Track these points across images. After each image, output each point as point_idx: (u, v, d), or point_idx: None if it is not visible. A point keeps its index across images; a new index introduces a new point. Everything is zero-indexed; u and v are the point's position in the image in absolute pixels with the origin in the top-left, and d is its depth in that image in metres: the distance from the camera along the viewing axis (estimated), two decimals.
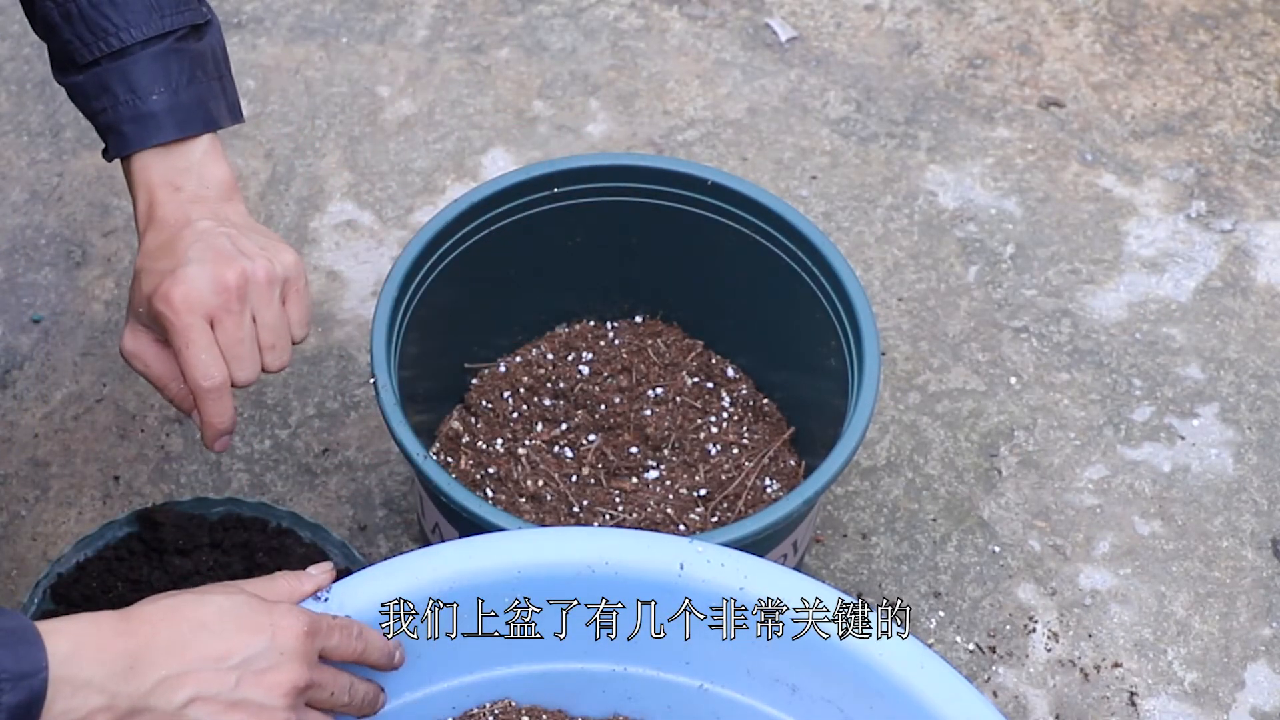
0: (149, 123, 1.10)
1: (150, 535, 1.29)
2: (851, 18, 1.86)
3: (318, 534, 1.31)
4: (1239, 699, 1.36)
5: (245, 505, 1.32)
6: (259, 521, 1.32)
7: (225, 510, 1.32)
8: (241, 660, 0.92)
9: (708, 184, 1.32)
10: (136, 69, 1.10)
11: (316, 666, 0.96)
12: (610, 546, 1.03)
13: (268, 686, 0.93)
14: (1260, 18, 1.87)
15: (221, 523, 1.31)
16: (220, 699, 0.92)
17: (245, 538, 1.31)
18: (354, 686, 1.00)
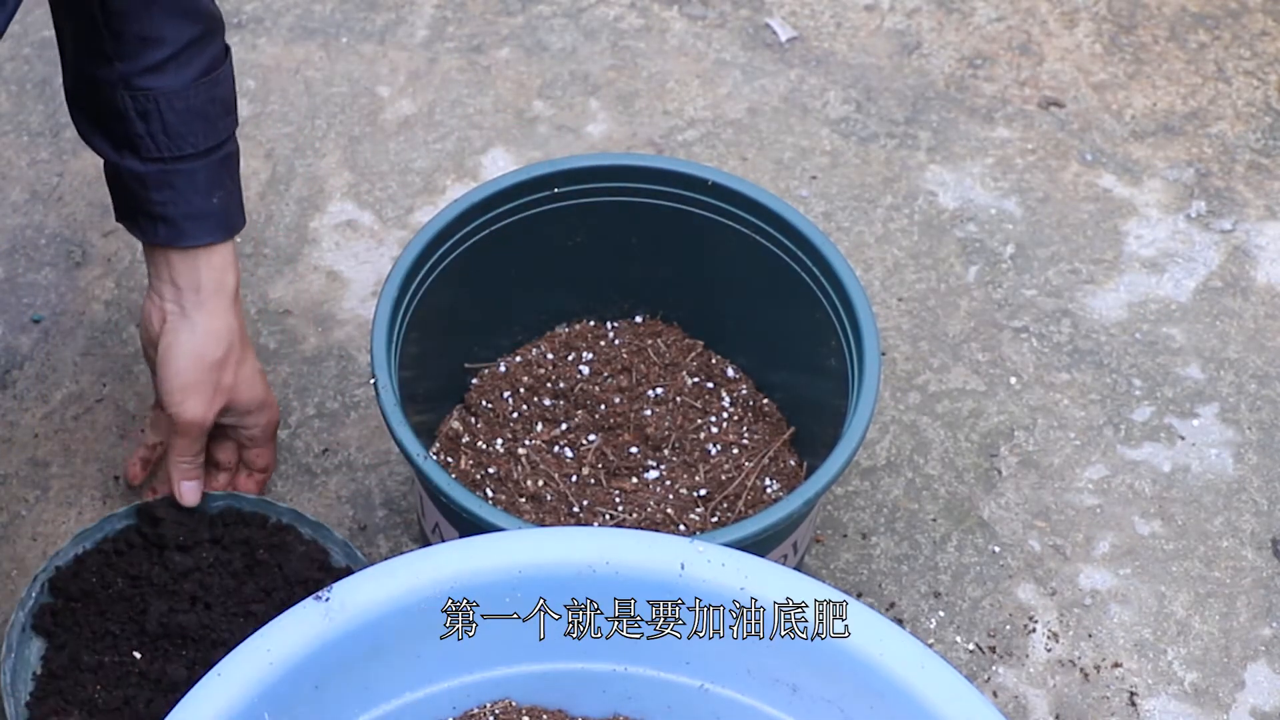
0: (208, 222, 1.22)
1: (150, 530, 1.29)
2: (851, 18, 1.86)
3: (319, 531, 1.31)
4: (1239, 699, 1.36)
5: (245, 501, 1.32)
6: (259, 517, 1.31)
7: (225, 505, 1.32)
8: None
9: (708, 184, 1.32)
10: (202, 174, 1.20)
11: None
12: (610, 546, 1.03)
13: None
14: (1260, 18, 1.87)
15: (221, 517, 1.31)
16: None
17: (246, 534, 1.30)
18: None
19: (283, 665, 0.98)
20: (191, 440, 1.27)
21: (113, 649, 1.25)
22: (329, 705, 1.02)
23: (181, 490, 1.28)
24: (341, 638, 1.00)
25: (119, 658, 1.25)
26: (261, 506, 1.32)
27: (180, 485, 1.28)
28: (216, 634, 1.26)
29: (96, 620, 1.26)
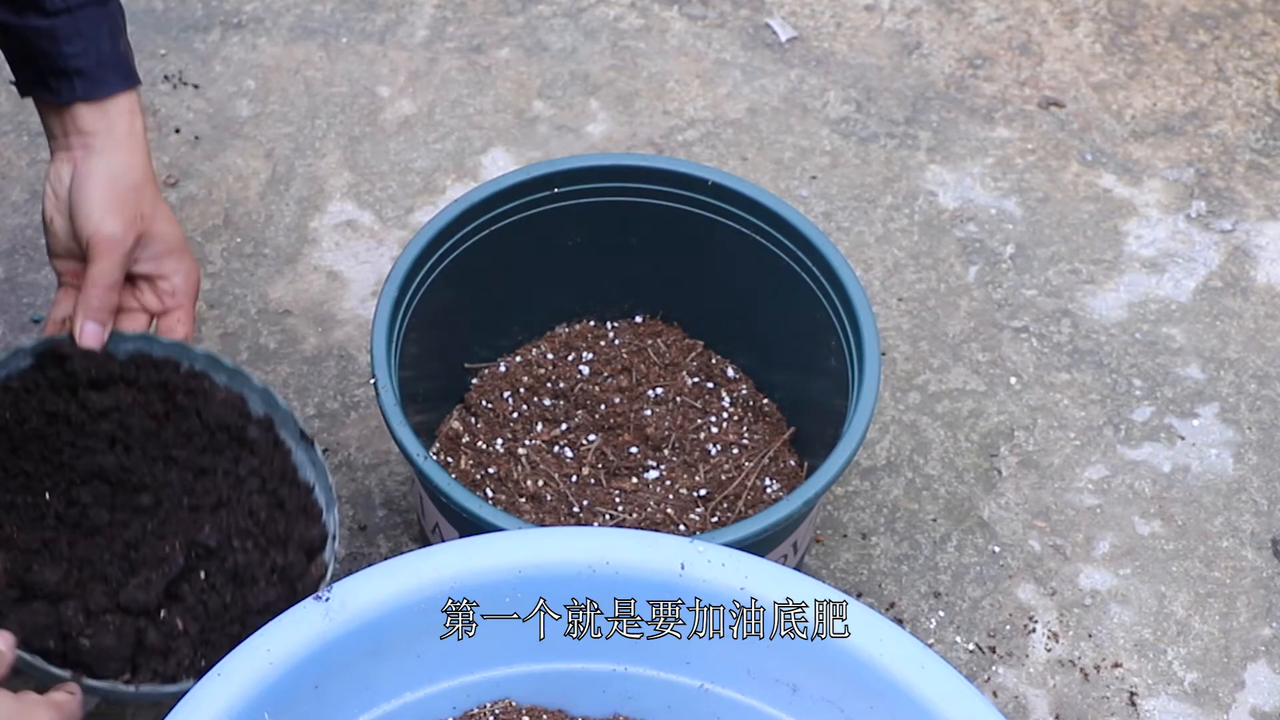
0: (119, 69, 1.20)
1: (56, 370, 1.19)
2: (851, 18, 1.86)
3: (235, 378, 1.23)
4: (1239, 699, 1.36)
5: (159, 344, 1.22)
6: (172, 363, 1.22)
7: (135, 349, 1.21)
8: None
9: (708, 184, 1.32)
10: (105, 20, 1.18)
11: None
12: (610, 546, 1.03)
13: None
14: (1260, 18, 1.87)
15: (133, 361, 1.21)
16: None
17: (161, 377, 1.22)
18: None
19: (283, 665, 0.98)
20: (107, 267, 1.17)
21: (26, 489, 1.17)
22: (329, 705, 1.02)
23: (84, 331, 1.18)
24: (341, 638, 1.00)
25: (32, 498, 1.16)
26: (175, 351, 1.21)
27: (84, 325, 1.18)
28: (138, 477, 1.18)
29: (9, 459, 1.17)
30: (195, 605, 1.14)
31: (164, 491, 1.19)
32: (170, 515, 1.19)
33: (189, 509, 1.19)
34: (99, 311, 1.18)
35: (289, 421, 1.23)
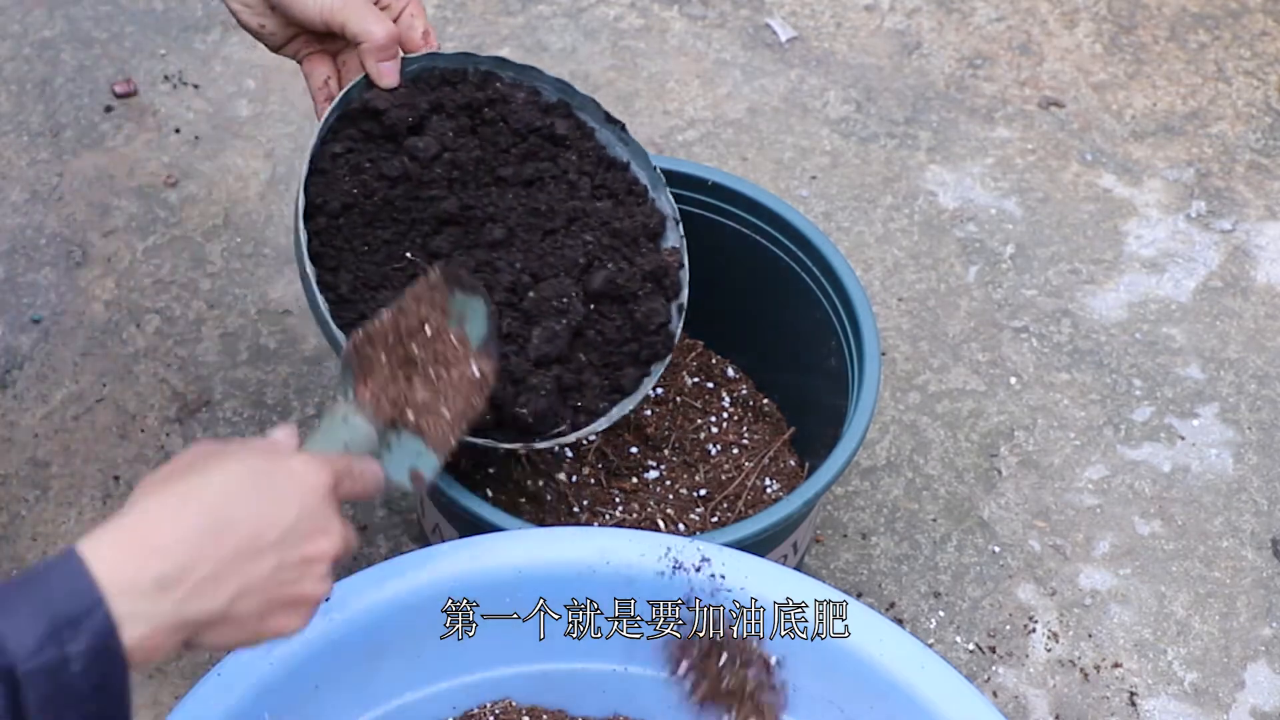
0: None
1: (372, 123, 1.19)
2: (851, 18, 1.86)
3: (523, 73, 1.24)
4: (1239, 699, 1.36)
5: (441, 58, 1.21)
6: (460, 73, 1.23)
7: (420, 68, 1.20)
8: (278, 536, 0.84)
9: (708, 184, 1.32)
10: None
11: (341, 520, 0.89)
12: (611, 546, 1.03)
13: (306, 564, 0.86)
14: (1260, 18, 1.87)
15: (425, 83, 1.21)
16: (266, 585, 0.84)
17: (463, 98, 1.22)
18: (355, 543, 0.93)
19: (283, 665, 0.98)
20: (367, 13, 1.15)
21: (390, 258, 1.17)
22: (329, 705, 1.02)
23: (382, 71, 1.17)
24: (341, 638, 1.00)
25: (400, 265, 1.17)
26: (460, 60, 1.21)
27: (380, 66, 1.16)
28: (481, 210, 1.19)
29: (369, 233, 1.17)
30: (594, 338, 1.20)
31: (510, 218, 1.20)
32: (527, 244, 1.20)
33: (542, 233, 1.21)
34: (384, 50, 1.16)
35: (588, 105, 1.25)
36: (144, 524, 0.81)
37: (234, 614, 0.83)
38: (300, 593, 0.86)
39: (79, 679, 0.75)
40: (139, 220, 1.62)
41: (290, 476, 0.87)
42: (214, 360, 1.52)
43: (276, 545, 0.84)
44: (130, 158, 1.67)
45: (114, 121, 1.70)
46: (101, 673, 0.76)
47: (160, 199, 1.64)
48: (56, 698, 0.75)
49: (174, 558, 0.80)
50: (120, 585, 0.77)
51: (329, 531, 0.87)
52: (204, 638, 0.83)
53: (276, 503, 0.85)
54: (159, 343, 1.53)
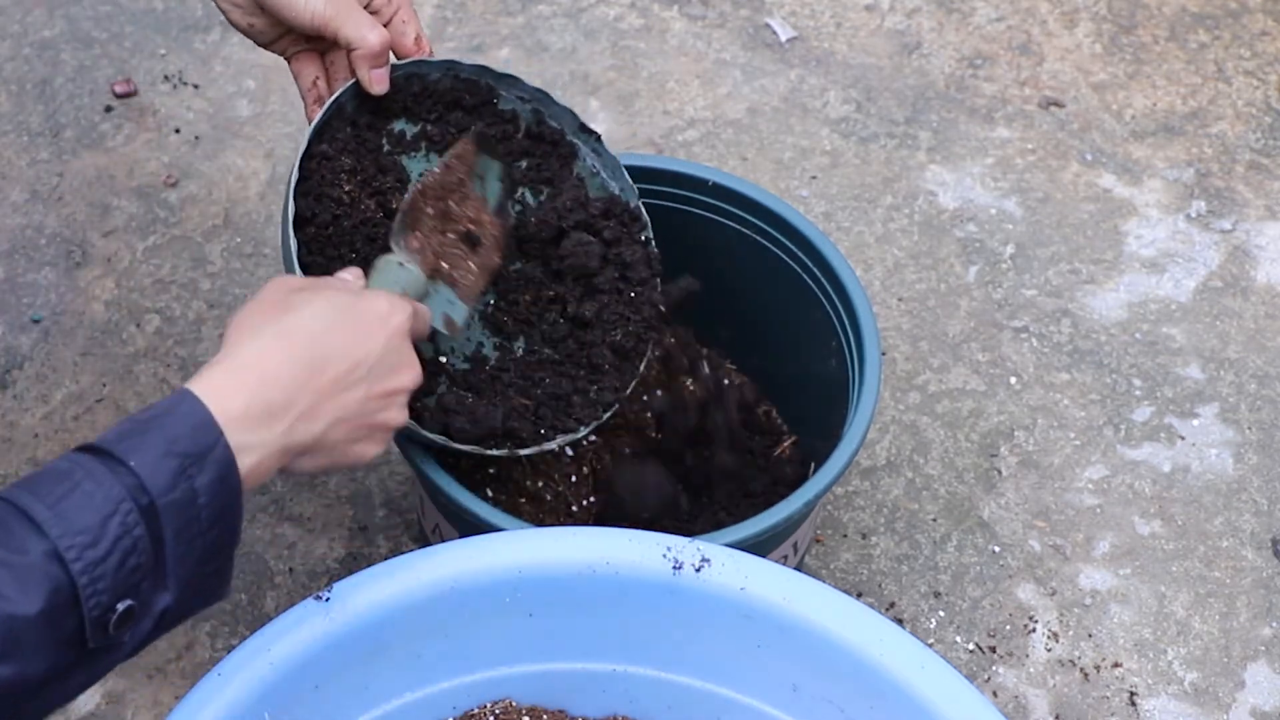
0: None
1: (379, 121, 1.20)
2: (851, 18, 1.86)
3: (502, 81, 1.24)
4: (1239, 699, 1.36)
5: (427, 64, 1.22)
6: (451, 76, 1.23)
7: (406, 72, 1.21)
8: (367, 370, 0.94)
9: (708, 184, 1.32)
10: None
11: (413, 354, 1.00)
12: (610, 546, 1.03)
13: (391, 392, 0.96)
14: (1260, 18, 1.87)
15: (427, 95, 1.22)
16: (355, 414, 0.94)
17: (466, 102, 1.23)
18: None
19: (283, 665, 0.98)
20: (360, 19, 1.15)
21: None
22: (329, 705, 1.02)
23: (373, 78, 1.16)
24: (341, 638, 1.00)
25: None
26: (445, 67, 1.21)
27: (371, 74, 1.16)
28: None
29: (354, 237, 1.17)
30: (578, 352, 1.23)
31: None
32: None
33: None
34: (377, 58, 1.17)
35: (563, 115, 1.25)
36: (248, 361, 0.90)
37: (327, 440, 0.92)
38: (383, 420, 0.96)
39: (205, 510, 0.84)
40: (139, 220, 1.62)
41: (375, 314, 0.97)
42: None
43: (366, 378, 0.94)
44: (130, 158, 1.67)
45: (114, 121, 1.70)
46: (223, 503, 0.85)
47: (160, 199, 1.64)
48: (188, 528, 0.83)
49: (279, 390, 0.89)
50: (235, 419, 0.86)
51: (409, 365, 0.98)
52: (299, 463, 0.92)
53: (365, 337, 0.95)
54: (159, 343, 1.53)
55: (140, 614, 0.82)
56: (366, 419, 0.95)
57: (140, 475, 0.82)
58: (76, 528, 0.79)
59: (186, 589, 0.85)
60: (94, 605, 0.80)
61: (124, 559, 0.80)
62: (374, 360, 0.95)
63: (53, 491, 0.80)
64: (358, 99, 1.18)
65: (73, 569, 0.79)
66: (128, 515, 0.81)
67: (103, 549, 0.80)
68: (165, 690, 1.31)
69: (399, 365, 0.97)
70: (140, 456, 0.82)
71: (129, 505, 0.81)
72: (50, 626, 0.78)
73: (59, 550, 0.79)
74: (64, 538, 0.79)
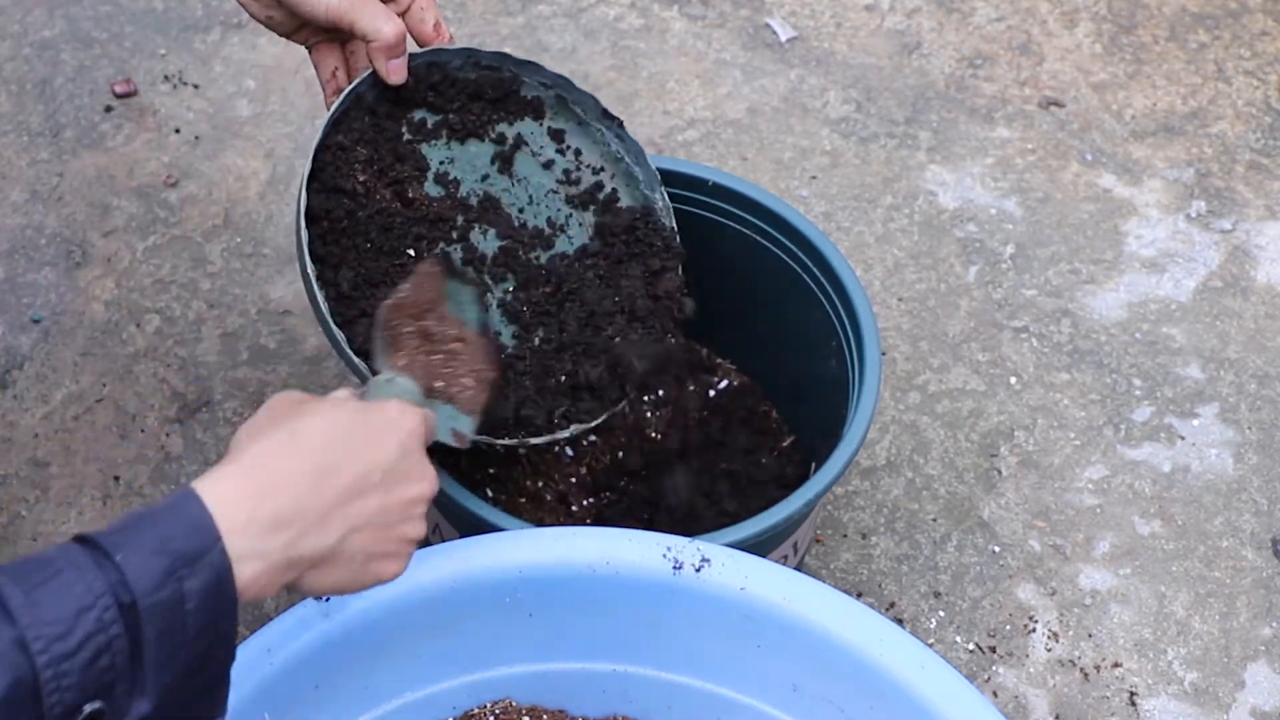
0: None
1: (393, 105, 1.22)
2: (851, 18, 1.86)
3: (524, 68, 1.27)
4: (1239, 699, 1.36)
5: (445, 52, 1.23)
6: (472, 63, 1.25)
7: (428, 60, 1.23)
8: (381, 475, 0.89)
9: (708, 184, 1.32)
10: None
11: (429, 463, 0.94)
12: (611, 547, 1.03)
13: (409, 502, 0.91)
14: (1260, 18, 1.87)
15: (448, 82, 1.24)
16: (370, 526, 0.88)
17: (490, 94, 1.25)
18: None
19: (283, 664, 0.98)
20: (377, 10, 1.16)
21: (389, 255, 1.18)
22: (329, 705, 1.02)
23: (390, 69, 1.18)
24: (341, 638, 1.00)
25: (399, 262, 1.18)
26: (464, 55, 1.23)
27: (389, 64, 1.17)
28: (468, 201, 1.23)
29: (367, 228, 1.18)
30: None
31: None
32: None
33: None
34: (393, 49, 1.17)
35: (585, 101, 1.28)
36: (256, 466, 0.84)
37: (341, 553, 0.87)
38: (402, 534, 0.90)
39: (192, 616, 0.78)
40: (139, 220, 1.62)
41: (386, 419, 0.92)
42: (214, 360, 1.52)
43: (380, 486, 0.89)
44: (130, 158, 1.67)
45: (114, 121, 1.70)
46: (214, 612, 0.79)
47: (160, 199, 1.64)
48: (172, 633, 0.78)
49: (287, 497, 0.84)
50: (237, 524, 0.81)
51: (425, 474, 0.92)
52: (309, 579, 0.86)
53: (378, 446, 0.90)
54: (159, 343, 1.53)
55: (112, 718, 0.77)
56: (384, 531, 0.90)
57: (124, 571, 0.77)
58: (48, 618, 0.75)
59: (168, 700, 0.80)
60: (55, 702, 0.75)
61: (95, 656, 0.76)
62: (388, 466, 0.90)
63: (32, 577, 0.76)
64: (377, 88, 1.18)
65: (37, 661, 0.74)
66: (105, 611, 0.76)
67: (73, 643, 0.75)
68: None
69: (414, 473, 0.92)
70: (128, 552, 0.78)
71: (108, 600, 0.76)
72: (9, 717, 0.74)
73: (25, 639, 0.74)
74: (33, 627, 0.75)
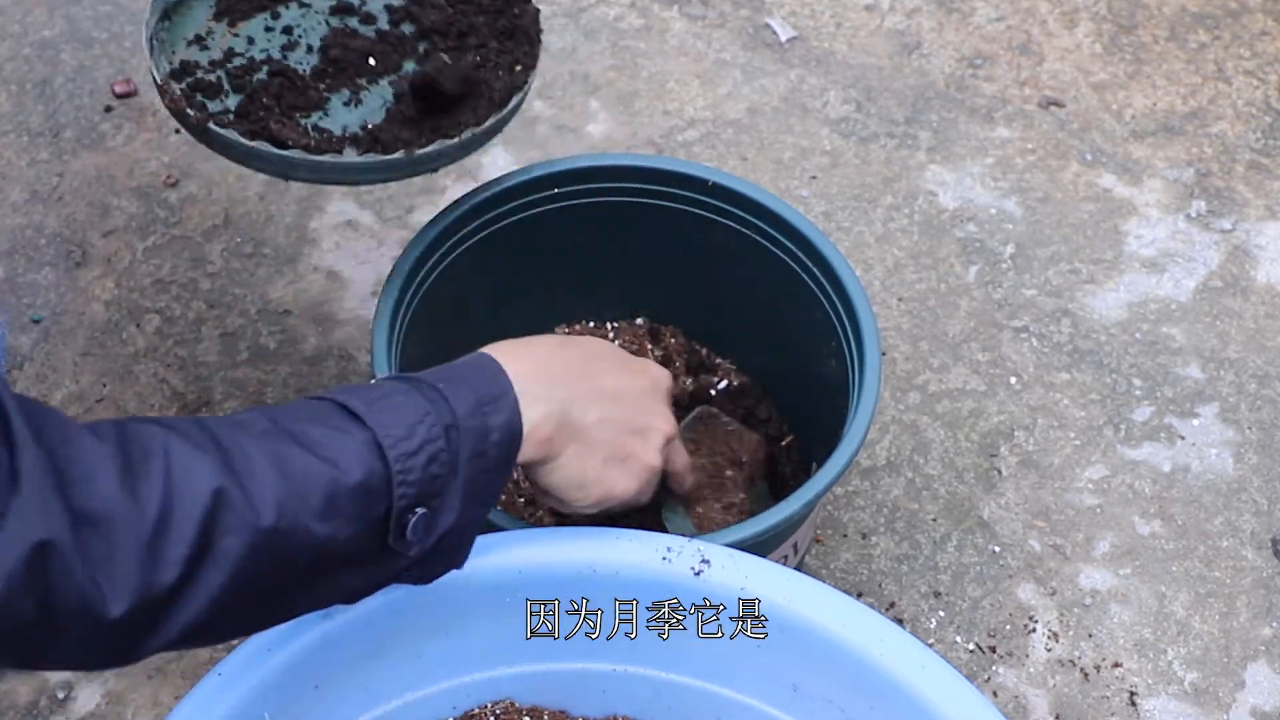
0: None
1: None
2: (851, 18, 1.86)
3: None
4: (1239, 699, 1.36)
5: None
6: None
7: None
8: (631, 397, 1.04)
9: (708, 184, 1.32)
10: None
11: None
12: (611, 546, 1.03)
13: (647, 431, 1.04)
14: (1260, 18, 1.87)
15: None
16: (619, 423, 1.02)
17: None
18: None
19: (283, 664, 0.98)
20: None
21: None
22: (329, 705, 1.02)
23: None
24: (341, 638, 1.00)
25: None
26: None
27: None
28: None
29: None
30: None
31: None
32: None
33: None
34: None
35: None
36: (531, 350, 1.00)
37: (594, 438, 1.00)
38: (639, 451, 1.04)
39: (493, 449, 0.92)
40: (139, 220, 1.62)
41: (647, 364, 1.09)
42: (214, 360, 1.52)
43: (631, 402, 1.04)
44: (130, 158, 1.67)
45: (114, 121, 1.70)
46: (507, 448, 0.93)
47: (160, 199, 1.64)
48: (477, 458, 0.90)
49: (560, 368, 1.00)
50: (523, 374, 0.95)
51: (667, 415, 1.07)
52: (562, 463, 0.99)
53: (634, 374, 1.06)
54: (159, 343, 1.53)
55: (431, 525, 0.89)
56: (626, 440, 1.03)
57: (447, 397, 0.90)
58: (392, 424, 0.87)
59: (460, 523, 0.91)
60: (401, 495, 0.86)
61: (429, 461, 0.88)
62: (639, 392, 1.05)
63: (367, 395, 0.89)
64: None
65: (389, 455, 0.86)
66: (433, 427, 0.88)
67: (414, 444, 0.87)
68: (165, 690, 1.31)
69: (659, 409, 1.06)
70: (445, 384, 0.91)
71: (434, 419, 0.88)
72: (363, 503, 0.85)
73: (378, 439, 0.86)
74: (381, 428, 0.87)
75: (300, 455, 0.85)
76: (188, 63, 1.20)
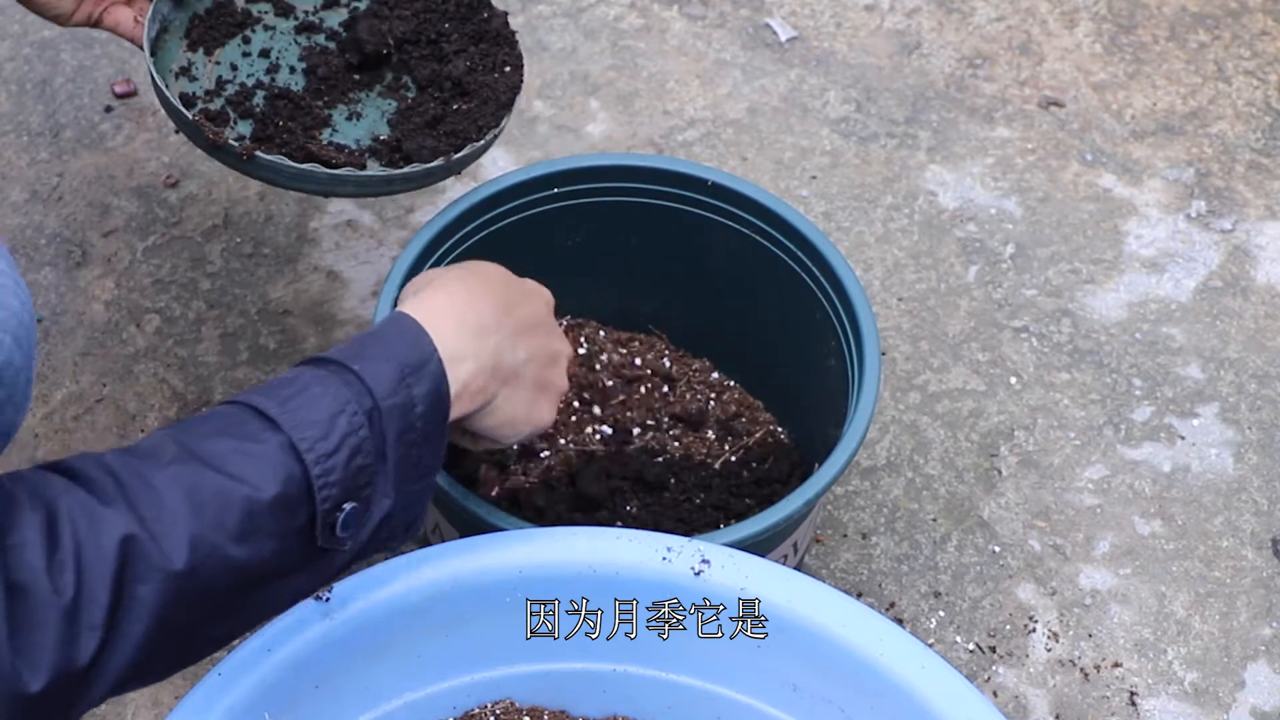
0: None
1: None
2: (851, 18, 1.86)
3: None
4: (1239, 699, 1.36)
5: None
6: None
7: None
8: (539, 322, 1.03)
9: (708, 184, 1.32)
10: None
11: None
12: (611, 547, 1.03)
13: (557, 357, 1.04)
14: (1260, 18, 1.87)
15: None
16: (539, 355, 1.01)
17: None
18: None
19: (283, 664, 0.98)
20: None
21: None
22: (329, 705, 1.02)
23: None
24: (342, 637, 1.00)
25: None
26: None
27: None
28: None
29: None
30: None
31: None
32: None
33: None
34: None
35: None
36: (449, 291, 0.97)
37: (523, 376, 0.99)
38: (555, 379, 1.03)
39: (420, 420, 0.88)
40: (139, 220, 1.62)
41: (536, 287, 1.07)
42: (214, 360, 1.52)
43: (542, 330, 1.03)
44: (130, 158, 1.67)
45: (114, 121, 1.70)
46: (436, 415, 0.90)
47: (160, 199, 1.64)
48: (406, 434, 0.87)
49: (486, 309, 0.97)
50: (447, 330, 0.92)
51: (561, 334, 1.06)
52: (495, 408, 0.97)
53: (531, 294, 1.05)
54: (159, 343, 1.53)
55: (362, 518, 0.87)
56: (548, 368, 1.02)
57: (364, 378, 0.86)
58: (308, 423, 0.84)
59: (402, 502, 0.88)
60: (325, 498, 0.84)
61: (352, 455, 0.85)
62: (544, 315, 1.04)
63: (280, 393, 0.85)
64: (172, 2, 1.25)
65: (306, 459, 0.83)
66: (354, 416, 0.85)
67: (333, 443, 0.84)
68: (165, 690, 1.31)
69: (558, 332, 1.05)
70: (363, 363, 0.87)
71: (354, 407, 0.85)
72: (283, 514, 0.83)
73: (293, 442, 0.83)
74: (296, 429, 0.83)
75: (211, 478, 0.82)
76: (185, 95, 1.20)
